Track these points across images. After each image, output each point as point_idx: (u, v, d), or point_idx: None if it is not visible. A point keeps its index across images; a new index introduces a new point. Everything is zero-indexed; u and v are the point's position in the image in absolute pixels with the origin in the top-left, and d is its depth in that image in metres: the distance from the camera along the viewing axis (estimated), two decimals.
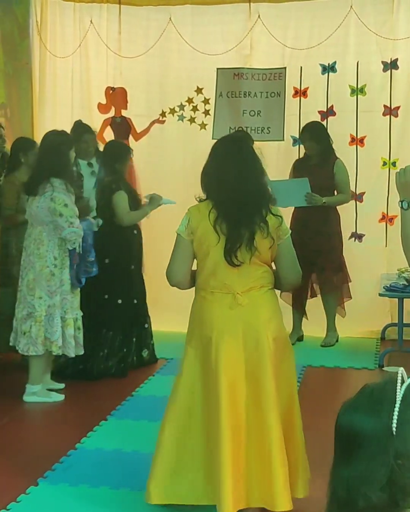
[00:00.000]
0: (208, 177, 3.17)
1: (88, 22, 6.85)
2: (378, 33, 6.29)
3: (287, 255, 3.18)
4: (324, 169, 5.85)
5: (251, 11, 6.59)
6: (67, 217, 4.57)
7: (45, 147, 4.78)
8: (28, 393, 4.78)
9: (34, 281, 4.65)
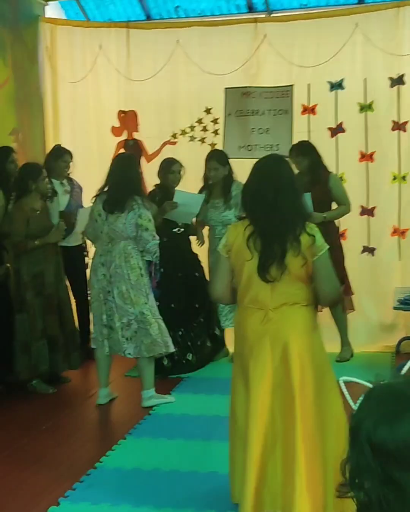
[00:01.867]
0: (246, 195, 3.33)
1: (98, 46, 6.95)
2: (384, 49, 6.35)
3: (322, 271, 3.20)
4: (319, 184, 5.86)
5: (257, 30, 6.67)
6: (151, 231, 4.96)
7: (121, 168, 5.05)
8: (146, 398, 5.03)
9: (128, 292, 4.96)
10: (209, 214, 6.16)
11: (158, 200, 5.97)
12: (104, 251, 5.05)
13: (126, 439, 4.48)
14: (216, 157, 6.11)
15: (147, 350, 5.01)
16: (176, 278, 5.96)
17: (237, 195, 6.00)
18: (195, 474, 3.92)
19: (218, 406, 4.85)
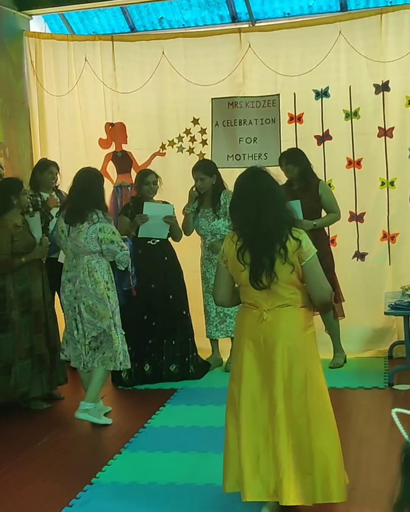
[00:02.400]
0: (232, 212, 3.55)
1: (83, 59, 6.97)
2: (368, 57, 6.39)
3: (311, 274, 3.37)
4: (309, 192, 5.89)
5: (242, 40, 6.71)
6: (118, 242, 4.99)
7: (83, 181, 5.05)
8: (81, 410, 4.93)
9: (94, 306, 4.96)
10: (199, 224, 6.17)
11: (131, 213, 6.02)
12: (70, 267, 5.06)
13: (122, 453, 4.45)
14: (202, 167, 6.13)
15: (107, 364, 4.99)
16: (150, 290, 5.93)
17: (226, 204, 6.02)
18: (192, 487, 3.90)
19: (212, 417, 4.86)
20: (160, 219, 5.91)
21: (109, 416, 5.16)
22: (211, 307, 6.16)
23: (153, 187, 6.04)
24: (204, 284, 6.23)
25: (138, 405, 5.51)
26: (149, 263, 5.93)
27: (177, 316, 6.02)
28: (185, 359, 6.01)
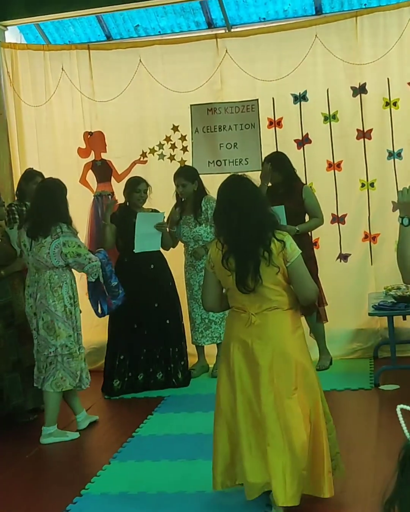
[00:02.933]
0: (215, 220, 3.64)
1: (60, 69, 6.94)
2: (344, 60, 6.41)
3: (297, 275, 3.45)
4: (293, 196, 5.90)
5: (218, 46, 6.71)
6: (84, 255, 4.91)
7: (45, 193, 4.98)
8: (45, 435, 4.87)
9: (53, 323, 4.87)
10: (181, 231, 6.16)
11: (116, 219, 6.02)
12: (32, 282, 5.00)
13: (111, 463, 4.43)
14: (183, 174, 6.13)
15: (55, 385, 4.90)
16: (138, 298, 5.89)
17: (207, 210, 6.02)
18: (183, 495, 3.89)
19: (200, 424, 4.85)
20: (152, 228, 5.92)
21: (97, 426, 5.13)
22: (196, 314, 6.16)
23: (144, 196, 6.06)
24: (188, 291, 6.22)
25: (125, 414, 5.50)
26: (135, 272, 5.93)
27: (161, 325, 5.99)
28: (168, 368, 5.98)
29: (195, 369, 6.23)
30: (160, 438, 4.83)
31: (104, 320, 6.24)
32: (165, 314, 6.02)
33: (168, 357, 5.99)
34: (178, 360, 6.03)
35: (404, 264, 2.95)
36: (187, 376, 6.05)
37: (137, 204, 6.07)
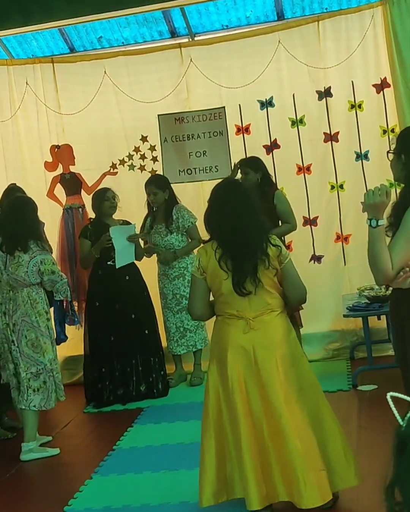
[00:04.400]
0: (209, 220, 3.60)
1: (24, 83, 6.89)
2: (308, 64, 6.45)
3: (289, 276, 3.53)
4: (265, 201, 5.89)
5: (183, 55, 6.72)
6: (58, 273, 4.95)
7: (17, 210, 4.96)
8: (25, 452, 4.81)
9: (38, 339, 4.85)
10: (153, 240, 6.15)
11: (90, 235, 6.00)
12: (5, 299, 4.97)
13: (93, 478, 4.38)
14: (154, 182, 6.13)
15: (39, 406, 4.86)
16: (114, 310, 5.90)
17: (178, 218, 6.02)
18: (166, 507, 3.86)
19: (181, 434, 4.82)
20: (126, 240, 5.90)
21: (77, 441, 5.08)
22: (170, 323, 6.13)
23: (114, 202, 6.06)
24: (162, 300, 6.19)
25: (105, 427, 5.44)
26: (110, 284, 5.91)
27: (139, 336, 5.96)
28: (150, 379, 5.94)
29: (173, 378, 6.19)
30: (141, 450, 4.80)
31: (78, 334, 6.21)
32: (144, 325, 5.99)
33: (149, 367, 5.95)
34: (159, 370, 6.00)
35: (376, 266, 2.95)
36: (166, 386, 6.01)
37: (109, 213, 6.04)
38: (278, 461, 3.40)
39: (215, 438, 3.52)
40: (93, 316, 6.01)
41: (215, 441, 3.52)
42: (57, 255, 6.52)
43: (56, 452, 4.88)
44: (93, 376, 5.96)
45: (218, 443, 3.53)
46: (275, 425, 3.39)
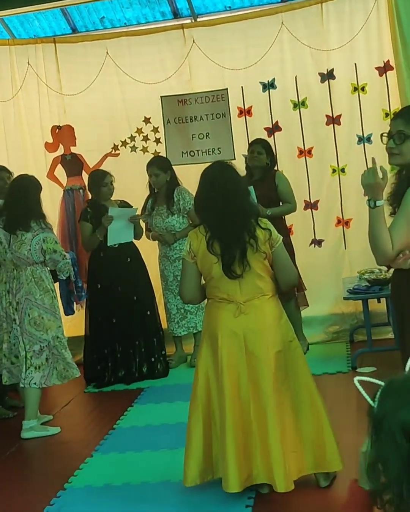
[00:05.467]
0: (197, 204, 3.61)
1: (26, 63, 6.88)
2: (311, 46, 6.43)
3: (280, 259, 3.51)
4: (266, 182, 5.92)
5: (185, 36, 6.69)
6: (60, 251, 4.97)
7: (19, 190, 4.99)
8: (26, 429, 4.85)
9: (41, 317, 4.88)
10: (154, 221, 6.16)
11: (90, 217, 5.99)
12: (9, 278, 4.99)
13: (93, 456, 4.42)
14: (156, 163, 6.12)
15: (61, 377, 4.95)
16: (116, 292, 5.92)
17: (179, 200, 6.02)
18: (166, 484, 3.89)
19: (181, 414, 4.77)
20: (125, 221, 5.89)
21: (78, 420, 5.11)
22: (171, 304, 6.16)
23: (112, 188, 6.05)
24: (163, 282, 6.22)
25: (106, 407, 5.48)
26: (112, 266, 5.93)
27: (141, 317, 5.98)
28: (152, 359, 5.98)
29: (173, 359, 6.23)
30: (141, 429, 4.83)
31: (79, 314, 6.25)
32: (145, 306, 6.02)
33: (151, 348, 5.98)
34: (159, 351, 6.03)
35: (376, 246, 2.95)
36: (166, 367, 6.05)
37: (106, 198, 6.05)
38: (261, 445, 3.44)
39: (202, 419, 3.55)
40: (94, 298, 6.02)
41: (202, 422, 3.55)
42: (58, 236, 6.50)
43: (57, 431, 4.92)
44: (93, 357, 6.00)
45: (205, 424, 3.55)
46: (261, 409, 3.42)
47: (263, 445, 3.43)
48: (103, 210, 5.95)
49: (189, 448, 3.58)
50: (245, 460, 3.45)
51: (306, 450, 3.52)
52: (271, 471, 3.41)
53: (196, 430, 3.56)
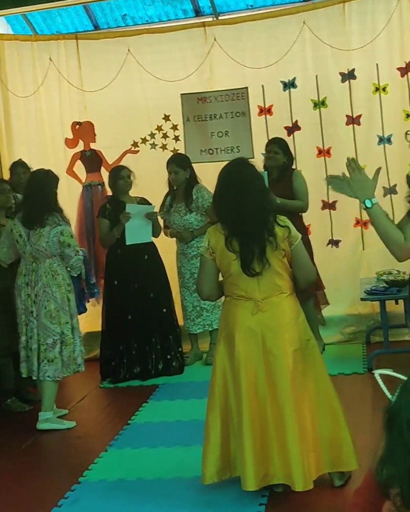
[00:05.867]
0: (216, 202, 3.62)
1: (47, 59, 6.91)
2: (333, 45, 6.42)
3: (299, 257, 3.51)
4: (283, 182, 5.92)
5: (207, 34, 6.70)
6: (74, 247, 4.96)
7: (37, 184, 5.04)
8: (42, 421, 4.90)
9: (55, 310, 4.92)
10: (172, 218, 6.17)
11: (109, 214, 6.01)
12: (28, 271, 5.02)
13: (108, 451, 4.44)
14: (176, 161, 6.14)
15: (67, 371, 4.97)
16: (133, 289, 5.94)
17: (198, 198, 6.03)
18: (180, 481, 3.90)
19: (195, 411, 4.86)
20: (143, 220, 5.90)
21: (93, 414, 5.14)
22: (188, 302, 6.17)
23: (128, 181, 6.06)
24: (180, 279, 6.22)
25: (121, 402, 5.51)
26: (129, 262, 5.94)
27: (157, 315, 6.00)
28: (168, 357, 5.99)
29: (189, 356, 6.25)
30: (156, 425, 4.85)
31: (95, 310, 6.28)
32: (162, 304, 6.02)
33: (167, 345, 6.00)
34: (176, 348, 6.04)
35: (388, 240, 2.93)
36: (182, 364, 6.06)
37: (124, 191, 6.06)
38: (278, 444, 3.43)
39: (220, 417, 3.54)
40: (110, 295, 6.05)
41: (220, 420, 3.54)
42: (76, 232, 6.53)
43: (72, 425, 4.95)
44: (108, 353, 6.02)
45: (223, 421, 3.55)
46: (279, 408, 3.41)
47: (280, 443, 3.42)
48: (121, 207, 5.96)
49: (207, 446, 3.58)
50: (262, 458, 3.45)
51: (323, 449, 3.52)
52: (290, 470, 3.39)
53: (214, 428, 3.56)
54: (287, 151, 6.00)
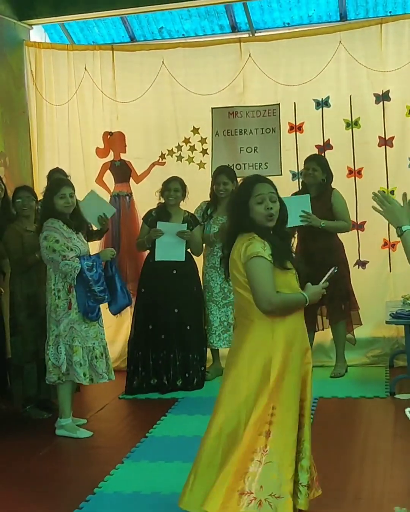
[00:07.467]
0: None
1: (83, 69, 6.98)
2: (368, 66, 6.41)
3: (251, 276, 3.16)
4: (322, 200, 5.92)
5: (242, 50, 6.72)
6: (59, 252, 4.83)
7: (45, 191, 5.17)
8: (58, 427, 4.96)
9: (48, 315, 4.98)
10: (212, 229, 6.14)
11: (151, 221, 6.03)
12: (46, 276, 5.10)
13: (124, 463, 4.42)
14: (225, 172, 6.14)
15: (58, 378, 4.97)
16: (157, 301, 5.94)
17: None
18: None
19: None
20: (175, 237, 5.88)
21: (111, 426, 5.12)
22: (214, 316, 6.14)
23: (174, 194, 6.01)
24: (207, 293, 6.19)
25: (139, 414, 5.50)
26: (157, 274, 5.96)
27: (180, 331, 5.96)
28: (186, 375, 5.94)
29: (209, 371, 6.21)
30: (173, 439, 4.83)
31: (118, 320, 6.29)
32: (186, 320, 5.97)
33: (187, 363, 5.95)
34: (198, 366, 5.99)
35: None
36: (203, 379, 6.03)
37: (168, 203, 6.05)
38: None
39: None
40: (137, 301, 6.06)
41: None
42: (102, 241, 6.57)
43: (87, 435, 4.94)
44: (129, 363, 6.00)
45: None
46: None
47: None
48: (164, 217, 5.98)
49: None
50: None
51: None
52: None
53: None
54: (325, 168, 6.00)
